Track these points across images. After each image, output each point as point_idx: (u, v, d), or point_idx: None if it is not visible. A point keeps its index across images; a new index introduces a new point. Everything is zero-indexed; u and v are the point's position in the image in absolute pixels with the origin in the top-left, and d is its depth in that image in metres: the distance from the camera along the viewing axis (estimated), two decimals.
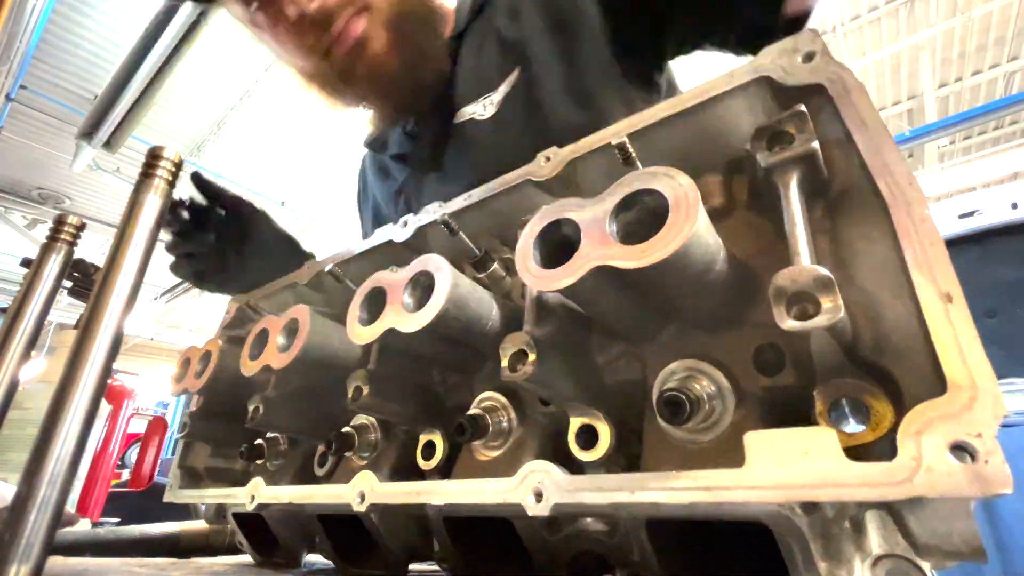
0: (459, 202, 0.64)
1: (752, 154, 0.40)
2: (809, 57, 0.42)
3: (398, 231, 0.70)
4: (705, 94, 0.47)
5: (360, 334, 0.53)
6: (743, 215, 0.49)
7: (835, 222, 0.41)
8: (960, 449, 0.28)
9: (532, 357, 0.44)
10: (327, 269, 0.75)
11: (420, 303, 0.50)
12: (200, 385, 0.74)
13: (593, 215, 0.40)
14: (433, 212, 0.66)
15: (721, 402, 0.43)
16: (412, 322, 0.49)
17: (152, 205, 0.40)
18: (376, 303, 0.54)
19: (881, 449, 0.34)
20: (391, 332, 0.50)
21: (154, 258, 0.54)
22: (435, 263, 0.50)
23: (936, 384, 0.30)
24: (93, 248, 7.79)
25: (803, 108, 0.38)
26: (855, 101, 0.38)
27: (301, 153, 6.82)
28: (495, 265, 0.63)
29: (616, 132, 0.51)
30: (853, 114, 0.38)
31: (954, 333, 0.30)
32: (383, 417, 0.61)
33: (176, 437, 0.82)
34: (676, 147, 0.50)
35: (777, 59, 0.44)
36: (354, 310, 0.55)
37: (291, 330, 0.63)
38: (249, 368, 0.64)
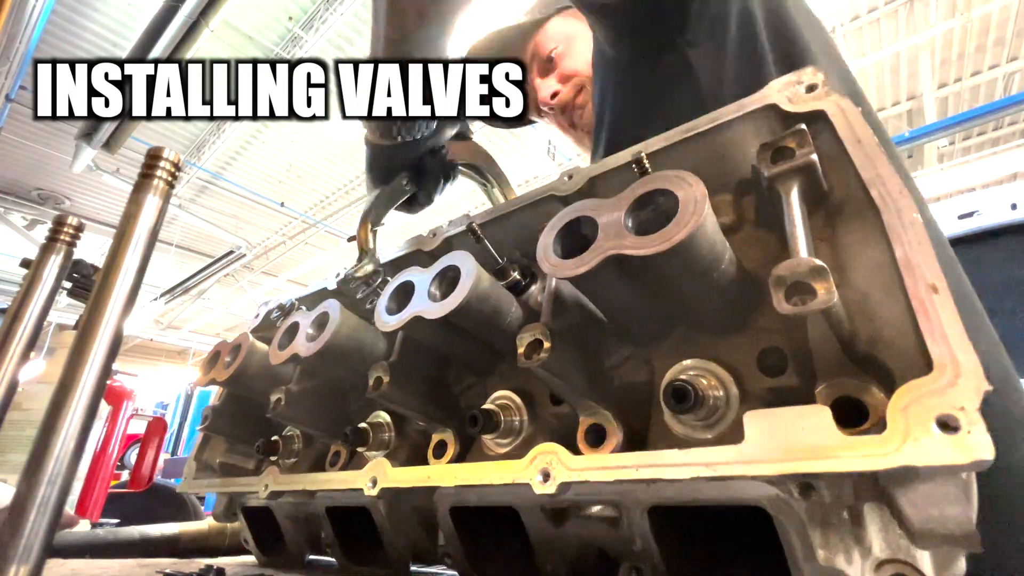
0: (485, 214, 0.69)
1: (757, 167, 0.44)
2: (811, 88, 0.47)
3: (427, 241, 0.75)
4: (717, 120, 0.52)
5: (387, 322, 0.56)
6: (751, 231, 0.53)
7: (834, 230, 0.44)
8: (944, 422, 0.30)
9: (547, 345, 0.47)
10: (358, 274, 0.79)
11: (445, 295, 0.54)
12: (227, 376, 0.77)
13: (610, 213, 0.44)
14: (459, 223, 0.71)
15: (725, 400, 0.45)
16: (437, 310, 0.52)
17: (151, 206, 0.43)
18: (404, 296, 0.58)
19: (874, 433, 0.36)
20: (417, 320, 0.54)
21: (153, 258, 0.57)
22: (462, 258, 0.55)
23: (924, 368, 0.32)
24: (93, 248, 7.72)
25: (803, 126, 0.42)
26: (851, 123, 0.43)
27: (300, 155, 6.79)
28: (515, 273, 0.67)
29: (634, 152, 0.56)
30: (849, 134, 0.42)
31: (939, 319, 0.32)
32: (400, 410, 0.63)
33: (197, 429, 0.85)
34: (690, 168, 0.55)
35: (782, 90, 0.49)
36: (383, 301, 0.59)
37: (320, 323, 0.67)
38: (278, 357, 0.67)
